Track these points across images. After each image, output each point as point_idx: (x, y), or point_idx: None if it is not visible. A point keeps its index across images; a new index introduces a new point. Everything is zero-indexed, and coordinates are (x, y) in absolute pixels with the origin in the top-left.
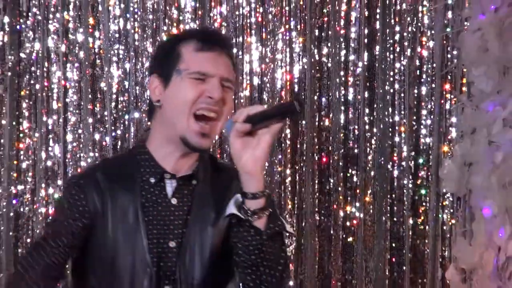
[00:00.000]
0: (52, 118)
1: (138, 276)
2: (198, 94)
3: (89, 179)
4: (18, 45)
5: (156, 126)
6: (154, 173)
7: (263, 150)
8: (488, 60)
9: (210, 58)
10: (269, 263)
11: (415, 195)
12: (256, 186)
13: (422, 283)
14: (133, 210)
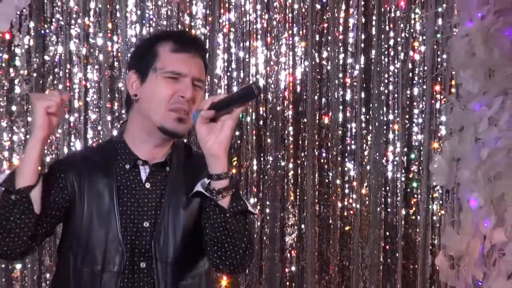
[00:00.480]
0: (73, 116)
1: (110, 253)
2: (172, 92)
3: (70, 163)
4: (42, 48)
5: (133, 117)
6: (129, 160)
7: (226, 134)
8: (475, 63)
9: (184, 59)
10: (232, 239)
11: (407, 188)
12: (221, 168)
13: (414, 269)
14: (108, 193)
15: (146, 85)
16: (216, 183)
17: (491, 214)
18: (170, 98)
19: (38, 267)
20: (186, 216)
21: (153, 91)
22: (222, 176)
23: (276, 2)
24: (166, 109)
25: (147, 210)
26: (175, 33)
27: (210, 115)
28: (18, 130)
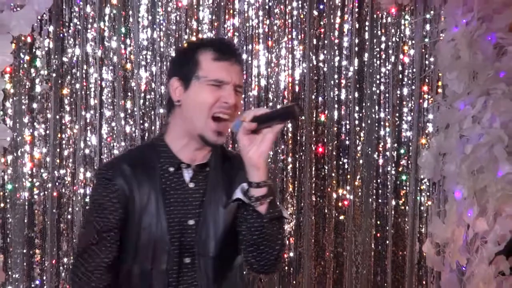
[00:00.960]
0: (89, 113)
1: (157, 252)
2: (216, 99)
3: (117, 170)
4: (61, 51)
5: (175, 121)
6: (173, 163)
7: (267, 146)
8: (460, 66)
9: (225, 67)
10: (268, 242)
11: (397, 180)
12: (260, 176)
13: (403, 255)
14: (154, 195)
15: (190, 92)
16: (255, 191)
17: (474, 204)
18: (214, 104)
19: (56, 252)
20: (226, 214)
21: (197, 98)
22: (261, 184)
23: (276, 9)
24: (209, 116)
25: (192, 208)
26: (214, 41)
27: (252, 127)
28: (39, 126)
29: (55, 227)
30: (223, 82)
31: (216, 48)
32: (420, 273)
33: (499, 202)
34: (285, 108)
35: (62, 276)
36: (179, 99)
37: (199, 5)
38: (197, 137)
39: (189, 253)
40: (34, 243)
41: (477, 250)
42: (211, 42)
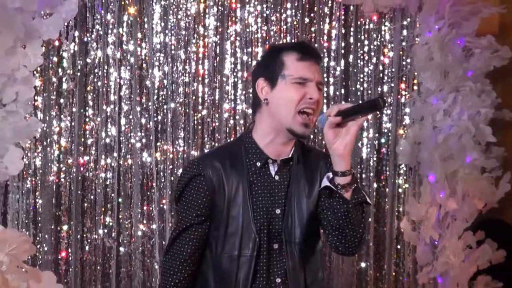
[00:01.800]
0: (110, 107)
1: (245, 240)
2: (301, 95)
3: (207, 165)
4: (85, 53)
5: (262, 118)
6: (260, 158)
7: (351, 138)
8: (433, 66)
9: (308, 66)
10: (352, 226)
11: (378, 166)
12: (345, 166)
13: (383, 231)
14: (242, 188)
15: (276, 90)
16: (340, 179)
17: (445, 187)
18: (300, 100)
19: (81, 228)
20: (309, 203)
21: (284, 95)
22: (346, 173)
23: (273, 16)
24: (296, 111)
25: (278, 199)
26: (297, 44)
27: (337, 121)
28: (65, 119)
29: (80, 207)
30: (307, 80)
31: (299, 50)
32: (398, 247)
33: (467, 184)
34: (370, 101)
35: (86, 249)
36: (266, 97)
37: (206, 13)
38: (285, 131)
39: (277, 239)
40: (61, 220)
41: (448, 227)
42: (294, 44)
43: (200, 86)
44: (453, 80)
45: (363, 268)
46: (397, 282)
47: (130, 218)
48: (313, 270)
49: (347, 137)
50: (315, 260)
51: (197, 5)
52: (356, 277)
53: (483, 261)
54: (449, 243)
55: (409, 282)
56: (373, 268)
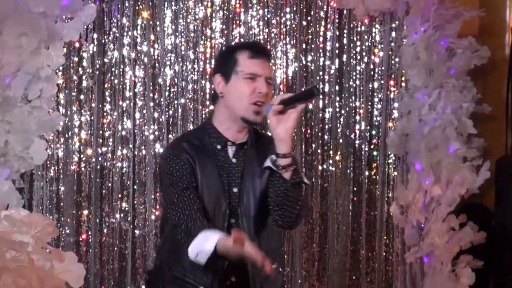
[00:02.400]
0: (125, 102)
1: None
2: (252, 89)
3: (179, 148)
4: (103, 53)
5: (220, 109)
6: (220, 141)
7: (292, 123)
8: (419, 64)
9: (258, 63)
10: (290, 203)
11: (370, 155)
12: (286, 149)
13: (374, 215)
14: (212, 167)
15: (230, 85)
16: (281, 160)
17: (430, 174)
18: (251, 94)
19: (100, 212)
20: (261, 182)
21: (237, 89)
22: (287, 155)
23: (273, 20)
24: (247, 103)
25: (235, 179)
26: (249, 43)
27: (279, 109)
28: (85, 113)
29: (98, 193)
30: (257, 75)
31: (250, 48)
32: (388, 229)
33: (450, 172)
34: (306, 90)
35: (104, 232)
36: (222, 91)
37: (212, 17)
38: (239, 119)
39: (234, 215)
40: (82, 205)
41: (433, 211)
42: (246, 44)
43: (207, 83)
44: (438, 77)
45: (356, 248)
46: (387, 261)
47: (144, 204)
48: (267, 240)
49: (288, 123)
50: (269, 231)
51: (204, 10)
52: (350, 257)
53: (465, 242)
54: (434, 226)
55: (397, 261)
56: (365, 248)
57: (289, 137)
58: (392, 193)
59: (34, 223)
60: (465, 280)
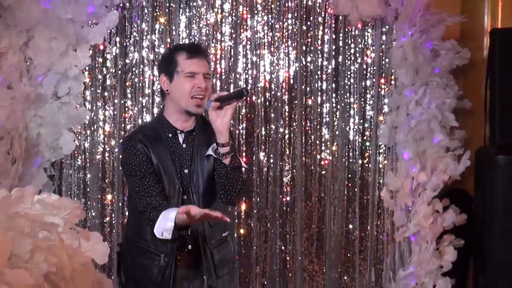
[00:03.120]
0: (144, 99)
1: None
2: (192, 85)
3: (135, 139)
4: (124, 55)
5: (168, 104)
6: (171, 130)
7: (228, 118)
8: (406, 64)
9: (195, 62)
10: (231, 184)
11: (363, 146)
12: (224, 139)
13: (367, 199)
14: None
15: (174, 83)
16: (221, 149)
17: (417, 163)
18: (191, 90)
19: (122, 197)
20: (208, 163)
21: (179, 87)
22: (225, 144)
23: (277, 25)
24: (189, 97)
25: (186, 161)
26: (186, 45)
27: (216, 105)
28: (108, 108)
29: (120, 180)
30: (195, 73)
31: (187, 50)
32: (379, 211)
33: (435, 161)
34: (237, 91)
35: (125, 214)
36: (167, 89)
37: (222, 22)
38: (184, 111)
39: (186, 192)
40: (106, 190)
41: (419, 195)
42: (184, 46)
43: (218, 81)
44: (423, 76)
45: (350, 229)
46: (378, 240)
47: None
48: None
49: (225, 118)
50: (216, 205)
51: (215, 16)
52: (345, 236)
53: (448, 223)
54: (420, 209)
55: (388, 240)
56: (358, 229)
57: (226, 129)
58: (383, 179)
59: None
60: (448, 257)
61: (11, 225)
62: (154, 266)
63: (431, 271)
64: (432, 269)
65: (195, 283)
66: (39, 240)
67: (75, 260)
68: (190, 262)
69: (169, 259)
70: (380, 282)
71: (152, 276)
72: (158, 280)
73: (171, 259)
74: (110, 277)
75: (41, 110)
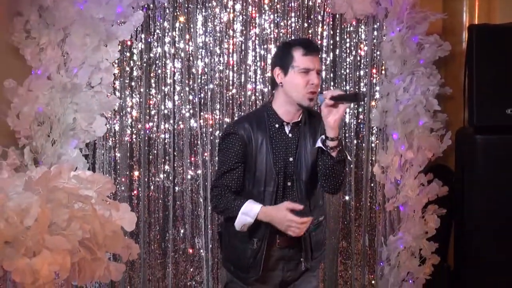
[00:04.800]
0: (167, 88)
1: (268, 178)
2: (306, 81)
3: (240, 126)
4: (149, 50)
5: (279, 95)
6: (278, 121)
7: (340, 115)
8: (395, 56)
9: (310, 59)
10: (335, 175)
11: (357, 128)
12: (334, 134)
13: (361, 174)
14: (265, 142)
15: (288, 77)
16: (330, 143)
17: (405, 142)
18: (305, 85)
19: (147, 174)
20: (311, 154)
21: (293, 81)
22: (334, 139)
23: (282, 23)
24: (303, 92)
25: (291, 150)
26: (303, 41)
27: (331, 103)
28: (135, 96)
29: (146, 158)
30: (310, 69)
31: (304, 46)
32: (372, 185)
33: (420, 140)
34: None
35: (151, 188)
36: (281, 81)
37: (234, 21)
38: (295, 104)
39: (290, 179)
40: (133, 168)
41: (407, 170)
42: (300, 42)
43: (230, 72)
44: (410, 67)
45: (347, 200)
46: (371, 210)
47: (182, 166)
48: (315, 199)
49: (337, 115)
50: (316, 193)
51: (227, 15)
52: (342, 206)
53: (432, 195)
54: (407, 182)
55: (379, 210)
56: (354, 200)
57: (337, 125)
58: (375, 157)
59: (96, 181)
60: (432, 224)
61: (50, 197)
62: (247, 249)
63: (418, 236)
64: (418, 234)
65: (291, 264)
66: (75, 210)
67: (107, 227)
68: (289, 244)
69: (261, 243)
70: (373, 246)
71: (245, 258)
72: (250, 262)
73: (263, 243)
74: (137, 243)
75: (77, 98)
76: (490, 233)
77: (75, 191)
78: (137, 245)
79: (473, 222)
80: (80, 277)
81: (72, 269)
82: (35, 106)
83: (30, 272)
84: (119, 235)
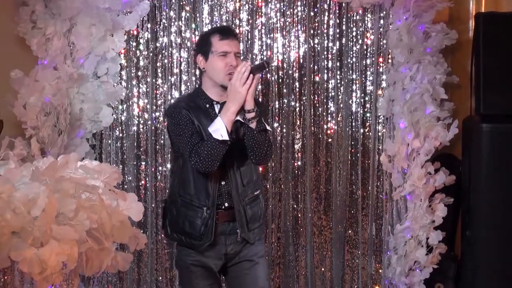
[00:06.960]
0: (173, 77)
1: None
2: (225, 64)
3: (179, 106)
4: (155, 39)
5: (205, 80)
6: (208, 101)
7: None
8: (402, 45)
9: (227, 43)
10: (258, 145)
11: (364, 117)
12: (249, 105)
13: (368, 163)
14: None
15: (209, 62)
16: (248, 114)
17: (411, 131)
18: (225, 67)
19: (154, 163)
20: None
21: (214, 65)
22: (251, 110)
23: (288, 11)
24: (223, 74)
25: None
26: (219, 28)
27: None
28: (142, 86)
29: (153, 148)
30: (227, 52)
31: (220, 32)
32: (379, 174)
33: (427, 129)
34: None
35: (158, 178)
36: (204, 67)
37: (240, 10)
38: (219, 86)
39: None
40: (140, 158)
41: (413, 159)
42: (217, 28)
43: None
44: (416, 55)
45: (353, 189)
46: (378, 199)
47: None
48: (247, 174)
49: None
50: (247, 167)
51: (234, 4)
52: (349, 196)
53: (439, 184)
54: (414, 171)
55: (386, 199)
56: (361, 189)
57: (251, 96)
58: (382, 146)
59: (104, 171)
60: (439, 213)
61: (57, 187)
62: (197, 217)
63: (425, 225)
64: (425, 223)
65: (231, 237)
66: (82, 200)
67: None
68: (227, 218)
69: (211, 212)
70: (380, 235)
71: (196, 226)
72: (201, 230)
73: (213, 212)
74: (145, 232)
75: (83, 88)
76: (498, 221)
77: (82, 181)
78: (145, 235)
79: (480, 211)
80: (88, 267)
81: (79, 259)
82: (42, 97)
83: (37, 263)
84: (126, 225)
